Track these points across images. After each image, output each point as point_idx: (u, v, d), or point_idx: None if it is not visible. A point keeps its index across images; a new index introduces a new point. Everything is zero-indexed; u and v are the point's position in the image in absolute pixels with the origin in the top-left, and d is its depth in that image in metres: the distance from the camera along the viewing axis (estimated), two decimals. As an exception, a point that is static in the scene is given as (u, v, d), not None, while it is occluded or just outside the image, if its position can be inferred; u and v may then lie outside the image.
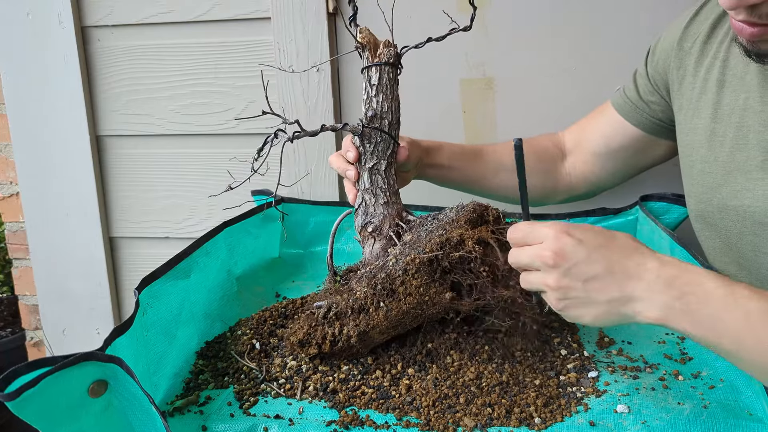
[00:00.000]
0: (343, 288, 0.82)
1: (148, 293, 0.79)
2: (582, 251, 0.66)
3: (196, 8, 1.31)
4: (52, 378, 0.55)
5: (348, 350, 0.80)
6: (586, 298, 0.66)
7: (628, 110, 1.04)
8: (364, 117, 0.83)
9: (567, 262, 0.65)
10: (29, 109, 1.41)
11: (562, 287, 0.66)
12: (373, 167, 0.86)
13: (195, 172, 1.41)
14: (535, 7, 1.24)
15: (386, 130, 0.84)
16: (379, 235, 0.86)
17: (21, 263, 1.59)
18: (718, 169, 0.86)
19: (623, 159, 1.07)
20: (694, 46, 0.93)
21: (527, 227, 0.70)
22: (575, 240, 0.66)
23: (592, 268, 0.65)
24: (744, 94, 0.83)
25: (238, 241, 1.07)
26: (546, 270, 0.67)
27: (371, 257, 0.86)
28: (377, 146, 0.85)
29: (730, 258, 0.89)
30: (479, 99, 1.30)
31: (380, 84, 0.82)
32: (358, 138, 0.85)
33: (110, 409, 0.62)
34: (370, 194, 0.86)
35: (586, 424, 0.69)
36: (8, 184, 1.55)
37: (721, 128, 0.86)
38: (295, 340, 0.80)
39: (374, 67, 0.81)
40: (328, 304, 0.80)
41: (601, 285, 0.65)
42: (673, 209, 1.12)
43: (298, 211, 1.25)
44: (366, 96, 0.83)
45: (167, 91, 1.37)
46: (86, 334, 1.51)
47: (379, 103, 0.82)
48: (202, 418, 0.72)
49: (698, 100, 0.91)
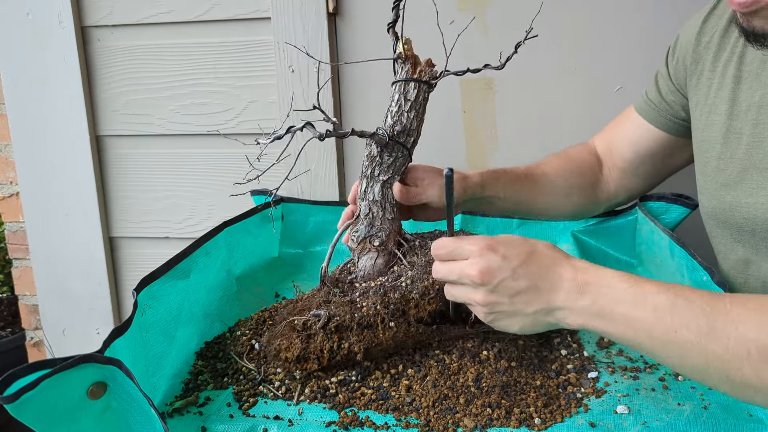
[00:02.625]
0: (344, 300, 0.80)
1: (147, 294, 0.79)
2: (507, 268, 0.69)
3: (196, 8, 1.31)
4: (51, 380, 0.55)
5: (345, 363, 0.79)
6: (513, 311, 0.70)
7: (651, 113, 1.02)
8: (390, 129, 0.81)
9: (494, 279, 0.69)
10: (29, 109, 1.41)
11: (490, 303, 0.70)
12: (387, 181, 0.85)
13: (195, 172, 1.41)
14: (535, 7, 1.24)
15: (408, 148, 0.83)
16: (384, 251, 0.85)
17: (21, 263, 1.60)
18: (734, 166, 0.85)
19: (653, 163, 1.06)
20: (712, 40, 0.91)
21: (452, 243, 0.73)
22: (500, 256, 0.69)
23: (517, 284, 0.68)
24: (760, 90, 0.82)
25: (237, 241, 1.07)
26: (473, 287, 0.70)
27: (373, 271, 0.85)
28: (396, 161, 0.84)
29: (740, 255, 0.88)
30: (479, 99, 1.30)
31: (416, 101, 0.81)
32: (377, 148, 0.83)
33: (109, 411, 0.62)
34: (378, 207, 0.85)
35: (586, 425, 0.69)
36: (8, 184, 1.55)
37: (737, 125, 0.85)
38: (290, 356, 0.76)
39: (413, 83, 0.80)
40: (328, 314, 0.78)
41: (526, 298, 0.69)
42: (672, 209, 1.12)
43: (298, 211, 1.25)
44: (398, 109, 0.81)
45: (167, 91, 1.37)
46: (86, 334, 1.51)
47: (410, 119, 0.82)
48: (201, 419, 0.72)
49: (715, 95, 0.89)
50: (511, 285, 0.68)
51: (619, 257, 1.16)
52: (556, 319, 0.69)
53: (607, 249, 1.17)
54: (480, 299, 0.70)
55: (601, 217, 1.17)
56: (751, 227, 0.84)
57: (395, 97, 0.81)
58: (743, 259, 0.88)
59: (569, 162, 1.09)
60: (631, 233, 1.15)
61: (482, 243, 0.70)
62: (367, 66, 0.96)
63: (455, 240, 0.73)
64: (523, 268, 0.69)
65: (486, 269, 0.69)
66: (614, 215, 1.17)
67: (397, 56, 0.81)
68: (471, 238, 0.72)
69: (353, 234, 0.87)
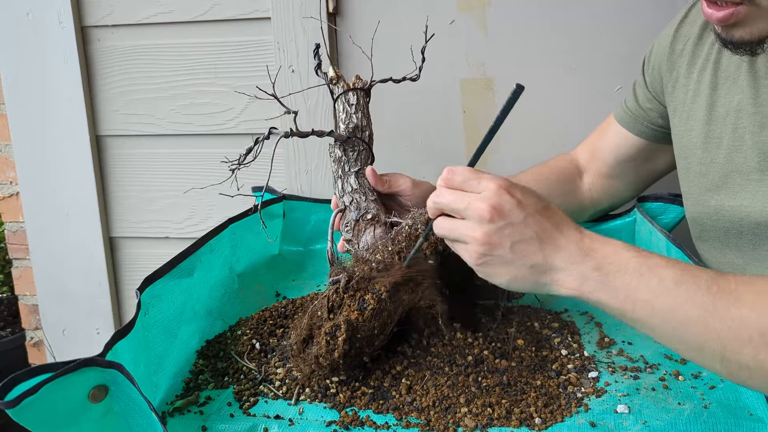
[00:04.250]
0: (360, 260, 0.80)
1: (150, 293, 0.79)
2: (520, 213, 0.66)
3: (196, 8, 1.31)
4: (52, 384, 0.55)
5: (377, 317, 0.77)
6: (510, 259, 0.66)
7: (628, 121, 1.05)
8: (345, 129, 0.93)
9: (503, 220, 0.66)
10: (29, 109, 1.41)
11: (490, 243, 0.66)
12: (358, 171, 0.94)
13: (195, 172, 1.41)
14: (535, 7, 1.24)
15: (366, 141, 0.95)
16: (378, 222, 0.88)
17: (21, 263, 1.59)
18: (716, 171, 0.86)
19: (634, 169, 1.08)
20: (686, 48, 0.93)
21: (469, 174, 0.69)
22: (515, 200, 0.66)
23: (524, 231, 0.66)
24: (738, 95, 0.83)
25: (240, 238, 1.07)
26: (477, 222, 0.66)
27: (374, 240, 0.86)
28: (360, 154, 0.94)
29: (727, 258, 0.89)
30: (479, 99, 1.30)
31: (358, 104, 0.95)
32: (339, 147, 0.94)
33: (110, 414, 0.62)
34: (359, 194, 0.92)
35: (587, 425, 0.69)
36: (8, 184, 1.55)
37: (716, 130, 0.86)
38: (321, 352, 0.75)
39: (351, 92, 0.94)
40: (347, 274, 0.78)
41: (528, 249, 0.66)
42: (670, 209, 1.12)
43: (299, 209, 1.25)
44: (345, 115, 0.94)
45: (167, 91, 1.37)
46: (86, 334, 1.51)
47: (359, 118, 0.94)
48: (202, 419, 0.72)
49: (692, 102, 0.91)
50: (517, 231, 0.66)
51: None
52: (550, 281, 0.66)
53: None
54: (480, 237, 0.66)
55: (600, 220, 1.18)
56: (738, 230, 0.84)
57: (340, 107, 0.95)
58: (729, 263, 0.88)
59: (546, 170, 1.11)
60: (629, 234, 1.15)
61: (501, 182, 0.67)
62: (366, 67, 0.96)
63: (473, 171, 0.69)
64: (534, 217, 0.66)
65: (499, 206, 0.65)
66: (613, 218, 1.17)
67: (331, 79, 0.95)
68: (489, 174, 0.69)
69: (345, 226, 0.90)
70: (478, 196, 0.67)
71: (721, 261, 0.90)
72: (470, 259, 0.68)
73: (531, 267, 0.66)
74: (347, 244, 0.89)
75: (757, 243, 0.83)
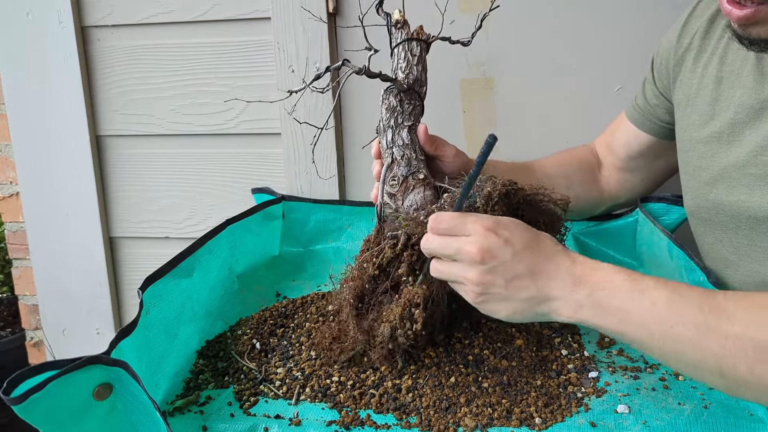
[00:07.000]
0: (415, 222, 0.80)
1: (151, 292, 0.79)
2: (508, 251, 0.68)
3: (196, 8, 1.31)
4: (57, 381, 0.56)
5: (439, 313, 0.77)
6: (506, 295, 0.69)
7: (637, 117, 1.06)
8: (405, 80, 0.88)
9: (494, 260, 0.68)
10: (29, 109, 1.41)
11: (484, 283, 0.68)
12: (411, 126, 0.90)
13: (195, 172, 1.41)
14: (535, 7, 1.24)
15: (422, 97, 0.90)
16: (429, 184, 0.87)
17: (21, 263, 1.59)
18: (715, 165, 0.86)
19: (647, 165, 1.09)
20: (693, 42, 0.93)
21: (455, 219, 0.71)
22: (502, 239, 0.68)
23: (516, 267, 0.68)
24: (740, 90, 0.84)
25: (240, 239, 1.07)
26: (469, 265, 0.69)
27: (426, 203, 0.85)
28: (414, 109, 0.90)
29: (722, 253, 0.89)
30: (479, 99, 1.30)
31: (420, 57, 0.89)
32: (396, 96, 0.89)
33: (114, 412, 0.62)
34: (410, 150, 0.89)
35: (587, 425, 0.69)
36: (8, 184, 1.55)
37: (717, 124, 0.87)
38: (391, 323, 0.76)
39: (415, 41, 0.89)
40: (407, 232, 0.77)
41: (522, 284, 0.68)
42: (672, 210, 1.12)
43: (299, 210, 1.25)
44: (406, 64, 0.89)
45: (167, 91, 1.37)
46: (86, 334, 1.51)
47: (419, 71, 0.89)
48: (202, 418, 0.72)
49: (696, 96, 0.91)
50: (509, 268, 0.68)
51: (620, 259, 1.16)
52: (548, 310, 0.68)
53: (607, 250, 1.18)
54: (474, 278, 0.68)
55: (602, 219, 1.18)
56: (735, 224, 0.85)
57: (401, 55, 0.89)
58: (724, 258, 0.88)
59: (568, 156, 1.13)
60: (631, 234, 1.15)
61: (486, 222, 0.69)
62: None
63: (458, 215, 0.71)
64: (523, 252, 0.68)
65: (487, 248, 0.68)
66: (615, 217, 1.18)
67: (395, 22, 0.89)
68: (474, 216, 0.71)
69: (391, 181, 0.88)
70: (467, 240, 0.69)
71: (715, 256, 0.90)
72: (469, 298, 0.71)
73: (527, 300, 0.68)
74: (389, 199, 0.88)
75: (753, 239, 0.83)
